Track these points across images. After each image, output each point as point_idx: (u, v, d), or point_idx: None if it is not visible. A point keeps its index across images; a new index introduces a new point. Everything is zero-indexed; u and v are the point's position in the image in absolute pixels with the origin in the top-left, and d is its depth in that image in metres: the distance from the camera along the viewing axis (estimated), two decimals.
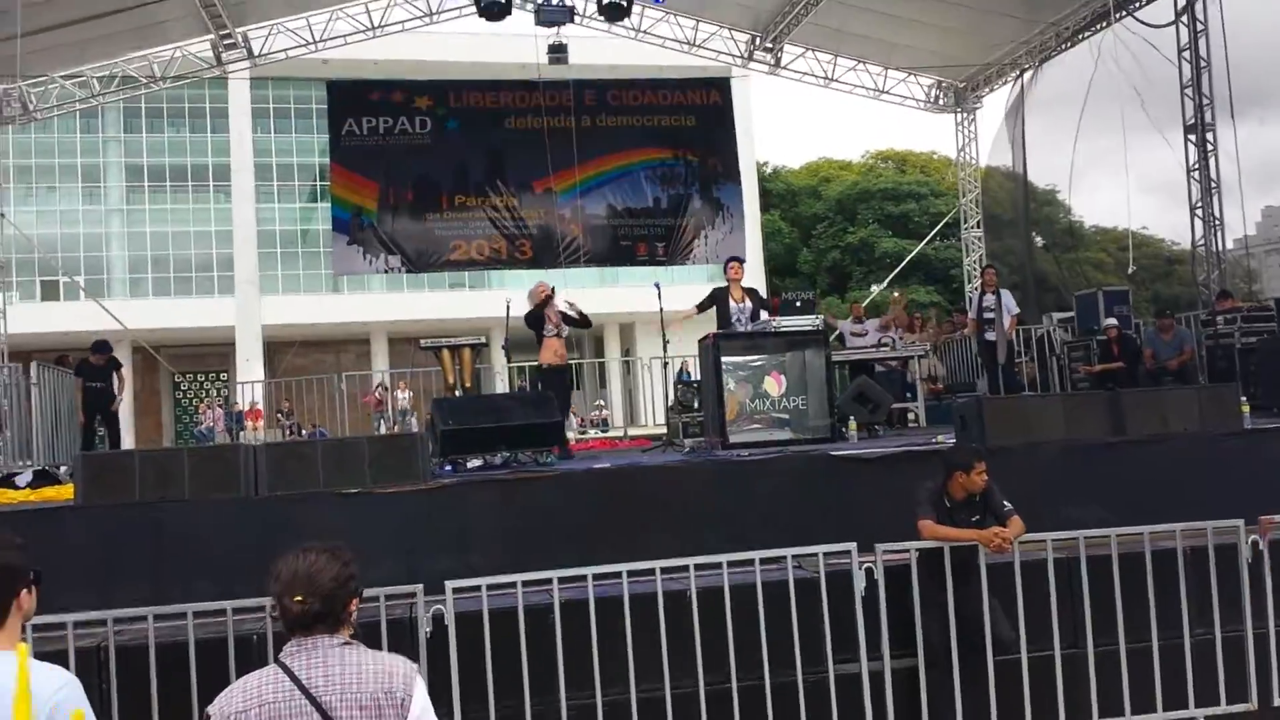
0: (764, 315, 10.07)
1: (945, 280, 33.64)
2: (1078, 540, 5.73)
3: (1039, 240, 21.81)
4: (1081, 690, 5.58)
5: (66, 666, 3.02)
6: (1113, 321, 12.03)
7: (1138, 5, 15.31)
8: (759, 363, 9.18)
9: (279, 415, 20.25)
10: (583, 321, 10.47)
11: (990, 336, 11.77)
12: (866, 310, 14.28)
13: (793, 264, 38.77)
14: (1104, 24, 15.82)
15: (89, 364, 11.94)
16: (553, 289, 10.29)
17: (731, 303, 9.78)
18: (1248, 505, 6.07)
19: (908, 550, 5.60)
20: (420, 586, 5.15)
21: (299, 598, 2.56)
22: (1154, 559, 5.73)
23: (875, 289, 19.79)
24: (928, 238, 24.10)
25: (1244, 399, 8.57)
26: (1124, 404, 7.79)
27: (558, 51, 16.27)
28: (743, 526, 6.65)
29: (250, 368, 31.80)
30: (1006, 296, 11.88)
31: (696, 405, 10.28)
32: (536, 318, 10.01)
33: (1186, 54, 15.26)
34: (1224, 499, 6.32)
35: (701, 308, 10.15)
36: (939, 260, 33.54)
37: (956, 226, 19.79)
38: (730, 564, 5.51)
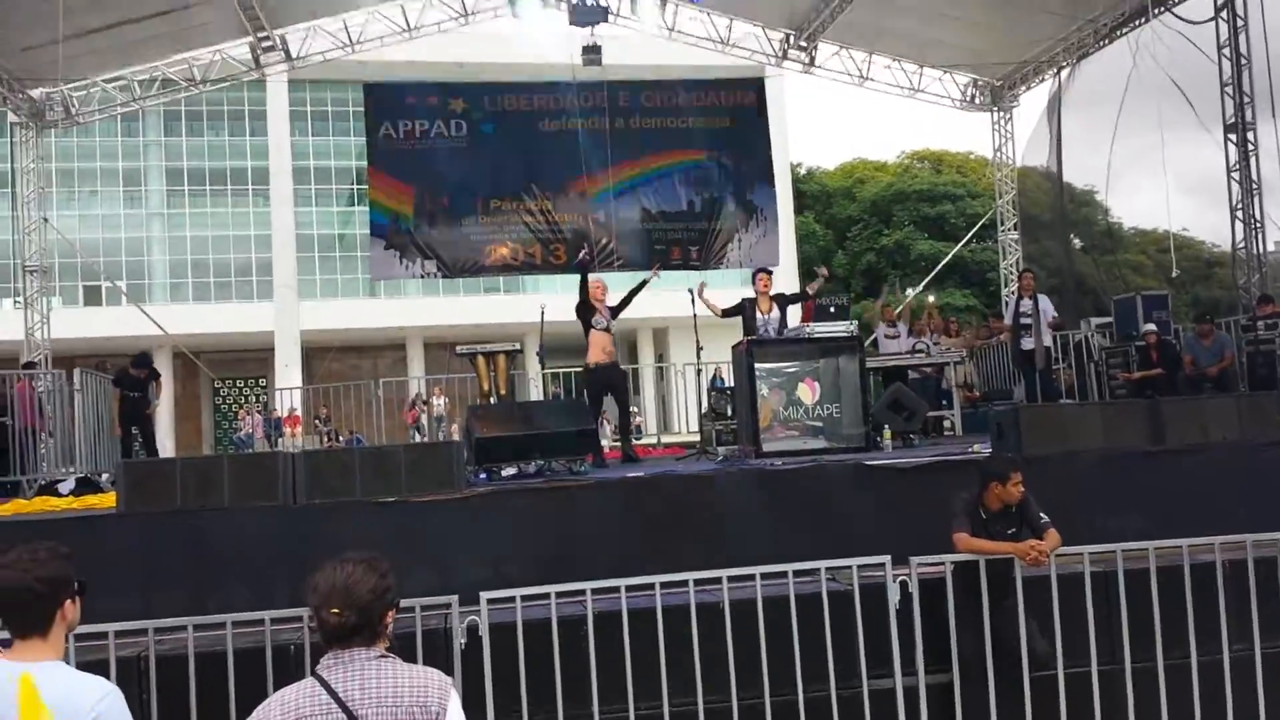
0: (794, 315, 10.02)
1: (982, 284, 33.33)
2: (1115, 553, 5.67)
3: (1077, 242, 21.55)
4: (1118, 707, 5.53)
5: (107, 676, 3.08)
6: (1152, 327, 11.87)
7: (1177, 1, 15.11)
8: (792, 369, 9.17)
9: (316, 421, 20.45)
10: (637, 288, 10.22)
11: (1027, 343, 11.63)
12: (900, 314, 14.18)
13: (828, 266, 38.58)
14: (1142, 20, 15.63)
15: (129, 375, 12.12)
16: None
17: (759, 314, 9.74)
18: None
19: (942, 563, 5.57)
20: (455, 597, 5.18)
21: (336, 610, 2.59)
22: (1193, 572, 5.66)
23: (910, 292, 19.66)
24: (963, 240, 23.89)
25: None
26: (1163, 412, 7.71)
27: (592, 52, 16.31)
28: (776, 536, 6.66)
29: (288, 373, 32.13)
30: (1044, 302, 11.74)
31: (730, 412, 10.28)
32: (587, 307, 9.65)
33: (1226, 51, 15.04)
34: (1265, 510, 6.26)
35: (727, 313, 10.09)
36: (975, 263, 33.24)
37: (994, 228, 19.63)
38: (763, 576, 5.50)
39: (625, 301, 9.99)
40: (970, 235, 23.03)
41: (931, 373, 12.21)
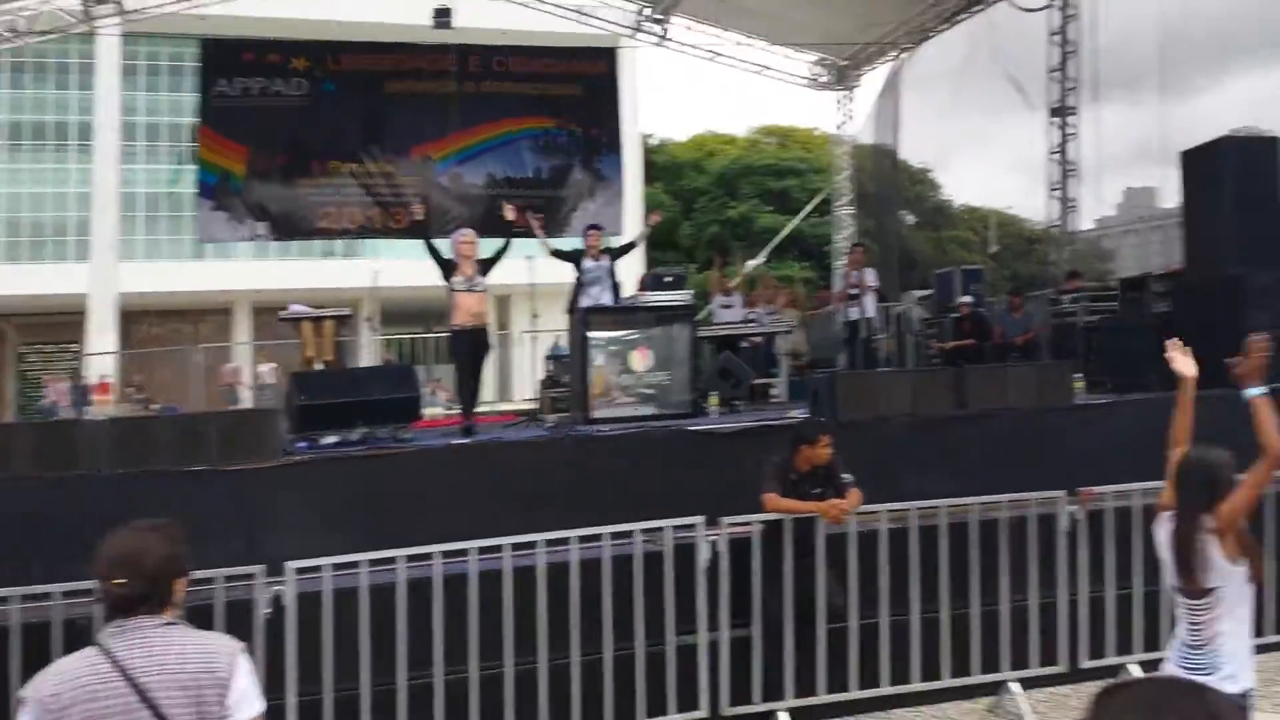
0: (630, 276, 10.07)
1: (820, 257, 34.23)
2: (910, 511, 6.00)
3: (910, 218, 22.46)
4: (905, 655, 5.87)
5: None
6: (966, 299, 12.46)
7: None
8: (626, 337, 9.26)
9: (130, 389, 19.51)
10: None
11: (854, 313, 12.10)
12: (737, 285, 14.49)
13: (673, 237, 38.94)
14: (981, 6, 16.27)
15: None
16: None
17: (588, 259, 9.80)
18: (1073, 477, 6.44)
19: (750, 523, 5.79)
20: (261, 568, 5.09)
21: (120, 580, 2.52)
22: (981, 529, 6.04)
23: (750, 264, 20.15)
24: (800, 214, 24.46)
25: (1079, 376, 9.05)
26: (967, 380, 8.16)
27: (442, 15, 15.97)
28: (600, 502, 6.73)
29: (103, 338, 30.37)
30: (871, 275, 12.20)
31: (567, 380, 10.32)
32: (446, 265, 8.81)
33: (1057, 38, 15.87)
34: (1052, 471, 6.70)
35: (557, 253, 10.06)
36: (815, 237, 34.12)
37: (834, 203, 20.26)
38: (581, 539, 5.61)
39: (497, 255, 9.10)
40: (807, 210, 23.62)
41: (762, 342, 12.53)
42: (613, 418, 8.64)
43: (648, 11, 17.69)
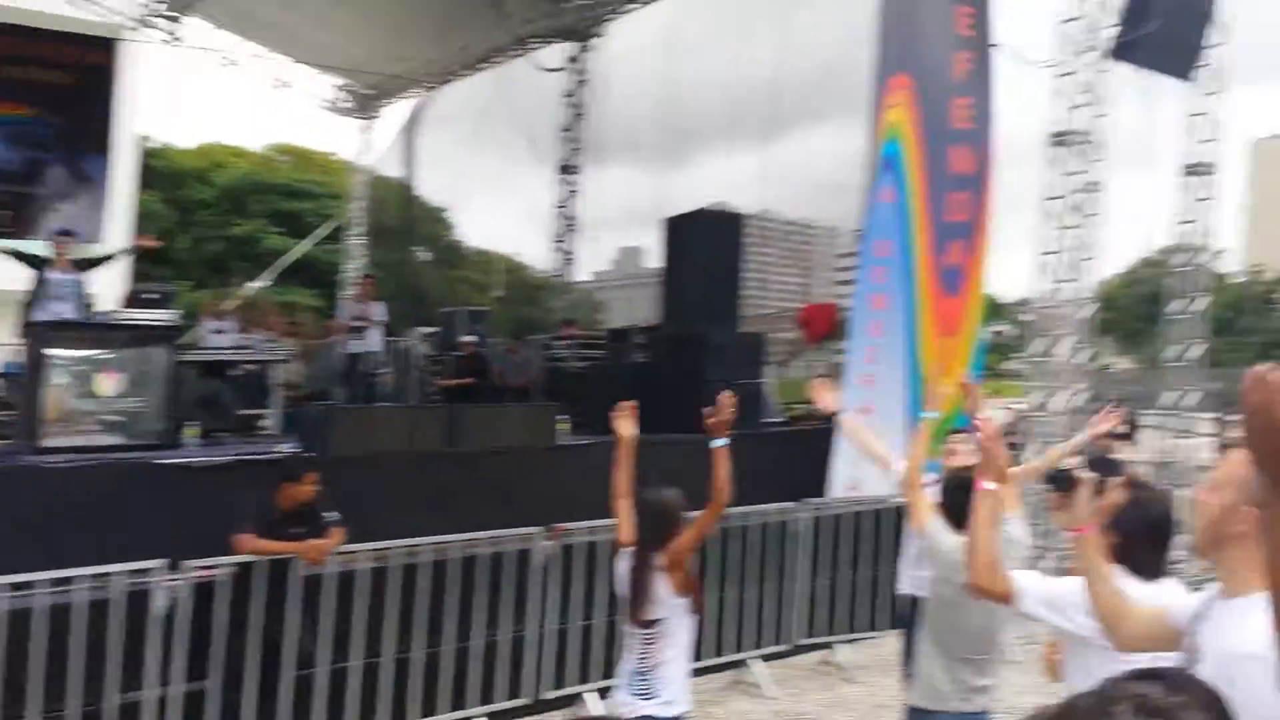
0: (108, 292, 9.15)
1: (330, 285, 33.38)
2: (392, 550, 5.93)
3: (424, 255, 22.66)
4: (373, 698, 5.76)
5: None
6: (469, 338, 12.77)
7: (536, 46, 16.73)
8: (93, 357, 8.29)
9: None
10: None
11: (357, 346, 11.90)
12: (233, 309, 13.61)
13: (167, 251, 35.86)
14: (504, 58, 17.04)
15: None
16: None
17: (54, 273, 8.66)
18: (552, 514, 6.76)
19: (220, 566, 5.37)
20: None
21: None
22: (463, 566, 6.13)
23: (250, 287, 19.12)
24: (308, 239, 23.65)
25: (566, 417, 9.60)
26: (462, 418, 8.34)
27: None
28: (46, 544, 5.88)
29: None
30: (379, 308, 12.09)
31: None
32: None
33: (568, 100, 17.04)
34: (534, 509, 6.99)
35: (15, 253, 8.88)
36: (326, 264, 33.21)
37: (348, 231, 19.92)
38: (13, 588, 4.84)
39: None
40: (318, 235, 22.82)
41: (256, 370, 11.85)
42: (69, 447, 7.66)
43: (159, 6, 16.25)
